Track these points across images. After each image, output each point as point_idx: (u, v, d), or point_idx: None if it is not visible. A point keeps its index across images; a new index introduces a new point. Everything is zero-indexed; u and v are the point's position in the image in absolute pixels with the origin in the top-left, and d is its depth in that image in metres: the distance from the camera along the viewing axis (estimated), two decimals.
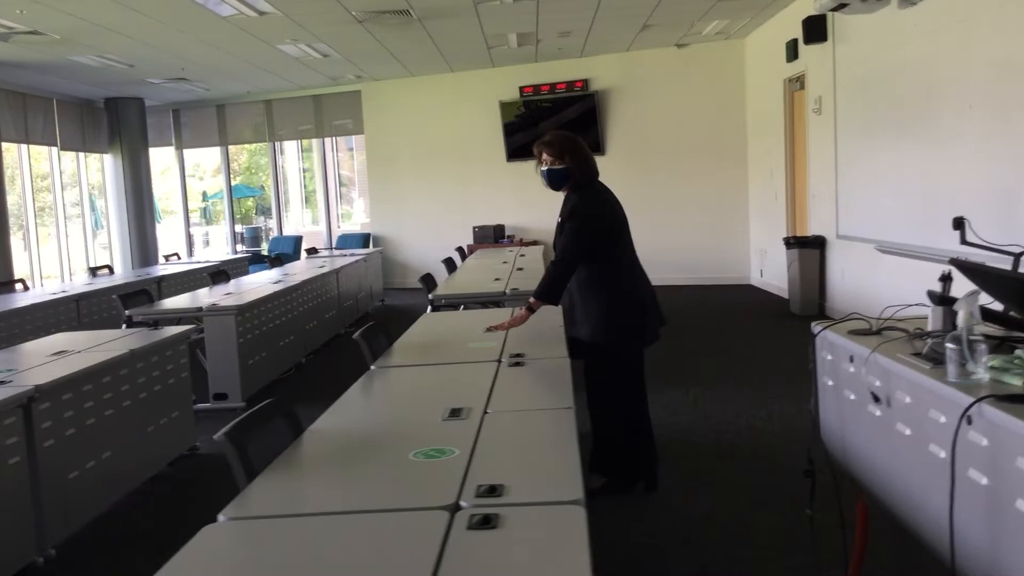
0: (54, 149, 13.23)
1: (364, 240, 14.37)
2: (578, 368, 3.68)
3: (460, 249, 11.24)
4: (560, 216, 4.37)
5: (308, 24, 9.50)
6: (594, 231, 4.23)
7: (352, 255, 11.65)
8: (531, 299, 4.20)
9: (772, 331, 8.89)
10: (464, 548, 1.81)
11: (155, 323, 6.20)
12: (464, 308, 6.11)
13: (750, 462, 4.83)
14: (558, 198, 4.45)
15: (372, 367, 3.77)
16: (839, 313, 4.90)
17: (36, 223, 12.99)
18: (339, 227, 15.98)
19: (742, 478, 4.59)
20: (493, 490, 2.10)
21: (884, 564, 3.24)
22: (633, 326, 4.29)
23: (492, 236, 13.09)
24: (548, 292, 4.19)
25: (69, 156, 13.82)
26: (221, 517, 2.06)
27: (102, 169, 14.49)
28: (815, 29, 8.63)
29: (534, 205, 13.16)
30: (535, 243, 12.35)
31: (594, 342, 4.24)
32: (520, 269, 7.75)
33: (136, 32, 9.35)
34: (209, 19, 8.86)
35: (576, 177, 4.28)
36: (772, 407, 5.87)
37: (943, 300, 2.54)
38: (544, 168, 4.29)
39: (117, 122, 14.10)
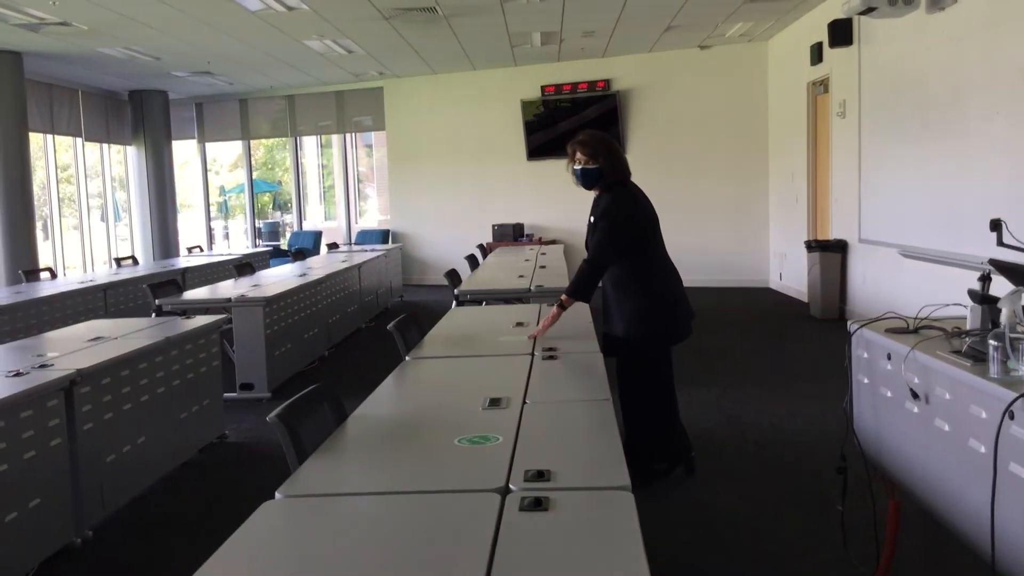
0: (78, 140, 13.36)
1: (383, 236, 14.45)
2: (611, 364, 3.72)
3: (481, 247, 11.29)
4: (592, 216, 4.42)
5: (335, 20, 9.57)
6: (626, 231, 4.29)
7: (373, 251, 11.72)
8: (563, 296, 4.25)
9: (792, 334, 8.91)
10: (518, 528, 1.87)
11: (184, 312, 6.27)
12: (485, 304, 6.16)
13: (775, 461, 4.87)
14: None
15: (407, 358, 3.83)
16: (860, 317, 4.90)
17: (59, 213, 13.12)
18: (356, 223, 16.07)
19: (768, 477, 4.62)
20: (541, 475, 2.15)
21: (915, 561, 3.28)
22: (665, 325, 4.36)
23: (511, 234, 13.14)
24: (580, 290, 4.25)
25: (91, 147, 13.94)
26: (278, 495, 2.11)
27: (123, 161, 14.62)
28: (841, 32, 8.63)
29: (554, 204, 13.23)
30: (554, 242, 12.40)
31: (627, 339, 4.30)
32: (543, 267, 7.79)
33: (164, 25, 9.44)
34: (237, 13, 8.95)
35: (609, 177, 4.34)
36: (795, 407, 5.90)
37: (984, 299, 2.57)
38: (577, 167, 4.35)
39: (141, 114, 14.23)
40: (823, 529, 3.74)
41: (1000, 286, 2.61)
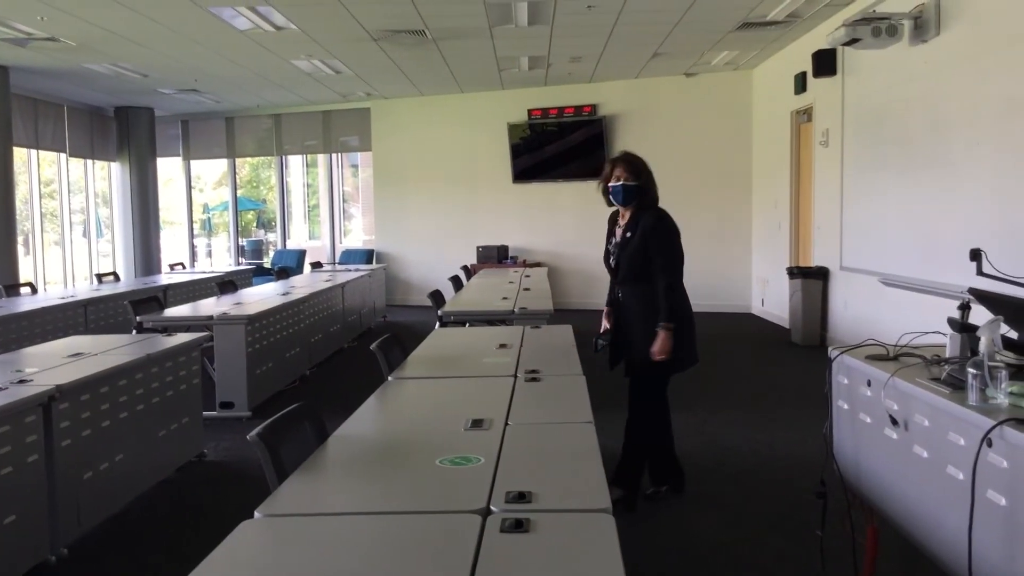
0: (62, 155, 13.30)
1: (367, 256, 14.44)
2: (597, 386, 3.71)
3: (465, 268, 11.30)
4: (626, 232, 4.47)
5: (323, 41, 9.61)
6: (680, 251, 4.48)
7: (357, 270, 11.71)
8: (665, 323, 4.31)
9: (774, 360, 8.95)
10: (499, 550, 1.86)
11: (165, 330, 6.24)
12: (469, 325, 6.16)
13: (756, 486, 4.87)
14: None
15: (389, 378, 3.82)
16: (840, 344, 4.86)
17: (41, 228, 13.05)
18: (341, 243, 16.05)
19: (748, 502, 4.62)
20: (522, 496, 2.15)
21: None
22: (688, 348, 4.47)
23: (496, 256, 13.15)
24: (675, 311, 4.35)
25: (75, 163, 13.88)
26: (257, 514, 2.10)
27: (107, 177, 14.57)
28: (825, 63, 8.75)
29: (538, 227, 13.28)
30: (539, 265, 12.41)
31: (657, 361, 4.35)
32: (527, 289, 7.81)
33: (152, 42, 9.45)
34: (225, 32, 8.97)
35: (648, 196, 4.47)
36: (776, 433, 5.92)
37: (963, 327, 2.60)
38: (617, 183, 4.43)
39: (126, 131, 14.20)
40: (803, 554, 3.74)
41: (979, 315, 2.65)
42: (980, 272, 2.95)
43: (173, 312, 7.30)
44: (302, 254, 15.06)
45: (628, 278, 4.50)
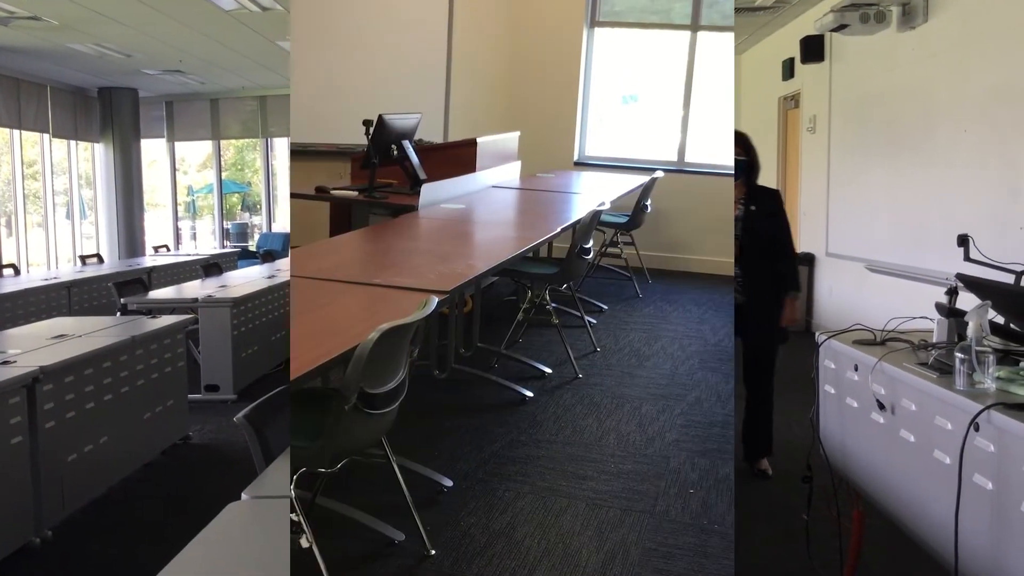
0: (45, 136, 13.17)
1: None
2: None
3: None
4: (748, 206, 4.51)
5: None
6: None
7: None
8: (794, 292, 4.61)
9: None
10: None
11: (149, 312, 6.19)
12: None
13: (741, 470, 4.89)
14: None
15: None
16: (826, 329, 4.81)
17: (24, 210, 12.93)
18: None
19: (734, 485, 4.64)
20: None
21: (878, 571, 3.31)
22: None
23: None
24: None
25: (58, 144, 13.75)
26: (244, 495, 2.09)
27: (91, 158, 14.44)
28: (813, 49, 8.72)
29: None
30: None
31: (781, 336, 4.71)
32: None
33: (136, 22, 9.34)
34: (211, 11, 8.87)
35: (755, 172, 4.56)
36: None
37: (951, 312, 2.61)
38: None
39: (110, 112, 14.06)
40: (788, 538, 3.75)
41: (966, 300, 2.65)
42: (967, 258, 2.95)
43: (158, 294, 7.27)
44: (288, 237, 14.98)
45: (755, 251, 4.54)
